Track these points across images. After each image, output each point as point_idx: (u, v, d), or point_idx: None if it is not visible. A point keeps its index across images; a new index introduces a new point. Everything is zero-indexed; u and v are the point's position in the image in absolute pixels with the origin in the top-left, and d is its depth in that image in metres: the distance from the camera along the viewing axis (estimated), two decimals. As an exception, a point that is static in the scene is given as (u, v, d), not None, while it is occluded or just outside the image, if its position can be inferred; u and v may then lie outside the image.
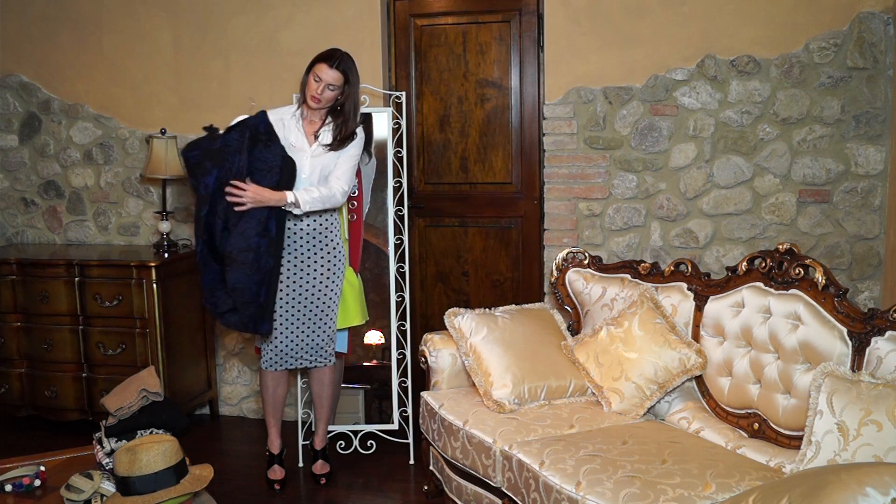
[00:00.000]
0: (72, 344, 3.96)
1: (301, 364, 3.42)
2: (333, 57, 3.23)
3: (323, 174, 3.29)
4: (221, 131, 3.22)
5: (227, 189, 3.11)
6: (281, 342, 3.37)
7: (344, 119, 3.29)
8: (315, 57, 3.26)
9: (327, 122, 3.34)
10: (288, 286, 3.34)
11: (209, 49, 4.22)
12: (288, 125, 3.30)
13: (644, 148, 3.77)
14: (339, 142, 3.30)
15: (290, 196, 3.17)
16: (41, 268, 3.97)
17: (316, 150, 3.30)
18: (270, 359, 3.40)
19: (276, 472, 3.53)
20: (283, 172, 3.17)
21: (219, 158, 3.13)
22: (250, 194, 3.11)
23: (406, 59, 4.09)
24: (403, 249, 3.81)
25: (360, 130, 3.36)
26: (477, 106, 4.04)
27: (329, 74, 3.21)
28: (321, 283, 3.36)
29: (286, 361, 3.40)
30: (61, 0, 4.38)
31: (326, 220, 3.36)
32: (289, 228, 3.30)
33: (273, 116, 3.31)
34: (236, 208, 3.11)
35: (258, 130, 3.17)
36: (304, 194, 3.20)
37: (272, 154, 3.18)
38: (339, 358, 3.59)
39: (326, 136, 3.32)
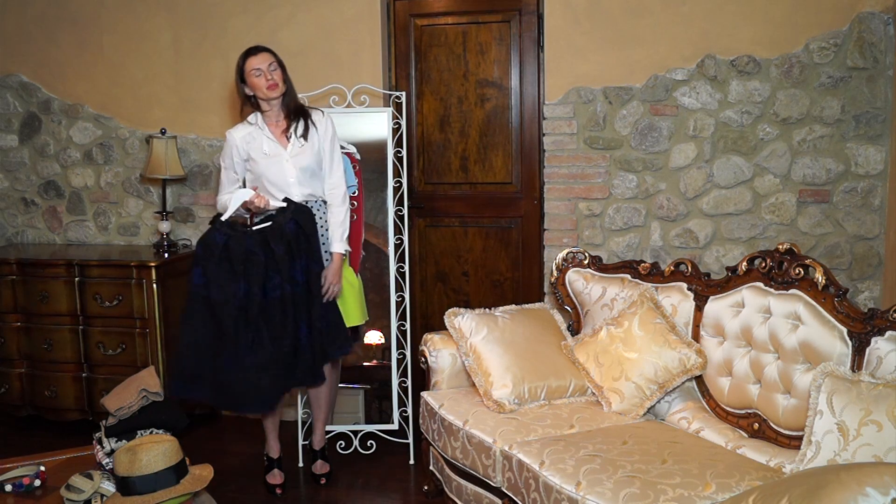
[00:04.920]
0: (72, 344, 3.96)
1: None
2: (251, 48, 3.27)
3: (309, 171, 3.27)
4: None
5: (323, 290, 3.24)
6: None
7: (288, 90, 3.28)
8: (239, 60, 3.25)
9: (292, 119, 3.31)
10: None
11: (209, 49, 4.22)
12: (256, 137, 3.27)
13: (644, 148, 3.77)
14: (302, 117, 3.29)
15: (342, 250, 3.33)
16: (41, 268, 3.97)
17: (294, 150, 3.27)
18: None
19: (276, 477, 3.50)
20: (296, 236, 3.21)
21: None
22: (335, 281, 3.28)
23: (406, 59, 4.09)
24: (403, 249, 3.81)
25: (324, 118, 3.34)
26: (477, 106, 4.04)
27: (262, 58, 3.23)
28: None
29: None
30: (61, 0, 4.38)
31: (329, 221, 3.35)
32: None
33: (237, 135, 3.28)
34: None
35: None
36: (341, 237, 3.32)
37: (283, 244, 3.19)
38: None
39: (298, 129, 3.29)
